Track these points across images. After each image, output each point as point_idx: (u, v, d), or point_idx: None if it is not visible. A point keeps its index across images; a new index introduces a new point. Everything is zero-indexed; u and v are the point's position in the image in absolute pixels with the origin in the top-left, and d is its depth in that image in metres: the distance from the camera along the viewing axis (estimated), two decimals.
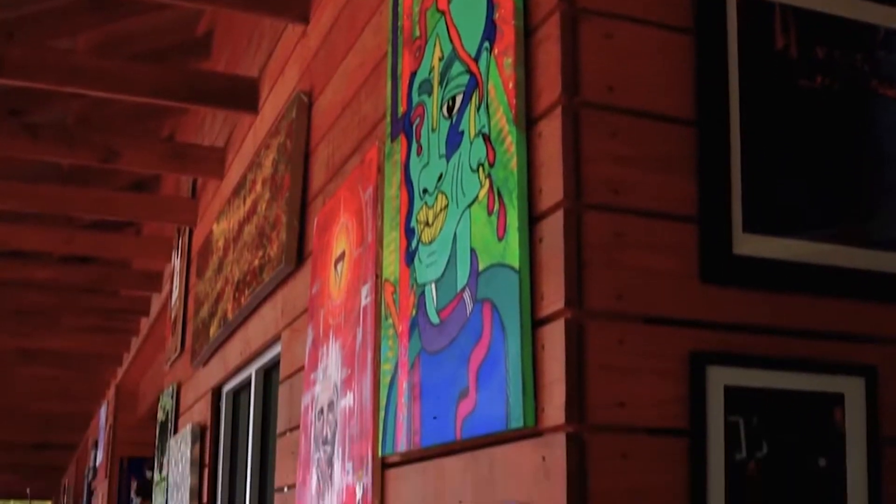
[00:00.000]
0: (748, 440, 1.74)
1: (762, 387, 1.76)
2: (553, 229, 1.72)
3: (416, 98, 2.29)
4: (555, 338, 1.68)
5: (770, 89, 1.89)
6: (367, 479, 2.35)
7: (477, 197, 1.93)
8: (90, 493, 13.39)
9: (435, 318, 2.05)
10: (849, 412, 1.82)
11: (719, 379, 1.73)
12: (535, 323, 1.73)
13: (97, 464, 12.51)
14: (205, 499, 4.70)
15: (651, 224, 1.76)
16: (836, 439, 1.81)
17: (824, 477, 1.79)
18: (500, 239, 1.83)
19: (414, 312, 2.15)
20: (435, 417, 1.99)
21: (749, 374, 1.76)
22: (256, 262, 3.69)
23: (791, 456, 1.76)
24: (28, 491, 26.74)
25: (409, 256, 2.22)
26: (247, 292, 3.78)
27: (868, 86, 1.97)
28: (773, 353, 1.78)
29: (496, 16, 1.93)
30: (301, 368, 3.07)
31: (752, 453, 1.74)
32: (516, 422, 1.71)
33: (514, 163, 1.81)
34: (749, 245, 1.81)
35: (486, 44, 1.96)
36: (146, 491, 10.12)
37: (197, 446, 4.80)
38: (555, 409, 1.65)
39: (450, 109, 2.09)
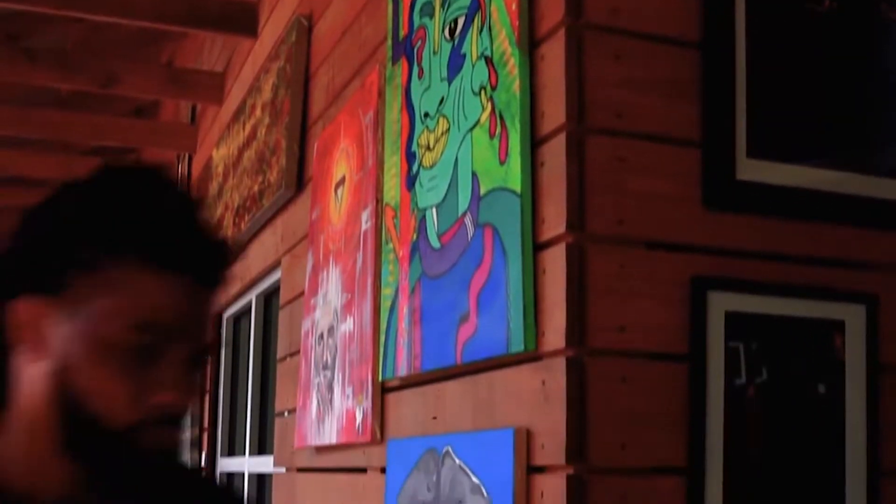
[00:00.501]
0: (748, 366, 1.74)
1: (763, 313, 1.76)
2: (555, 153, 1.71)
3: (417, 21, 2.26)
4: (556, 262, 1.67)
5: (777, 12, 1.85)
6: (367, 404, 2.36)
7: (479, 120, 1.91)
8: None
9: (436, 243, 2.04)
10: (849, 339, 1.82)
11: (720, 304, 1.73)
12: (537, 247, 1.72)
13: None
14: (205, 424, 4.74)
15: (654, 148, 1.74)
16: (835, 366, 1.81)
17: (823, 403, 1.79)
18: (501, 163, 1.81)
19: (415, 237, 2.15)
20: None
21: (750, 299, 1.75)
22: (256, 188, 3.68)
23: (790, 382, 1.77)
24: None
25: (410, 181, 2.20)
26: (246, 218, 3.77)
27: (877, 10, 1.94)
28: (774, 279, 1.77)
29: None
30: (301, 294, 3.08)
31: (751, 379, 1.74)
32: (516, 346, 1.71)
33: (516, 86, 1.78)
34: (752, 171, 1.80)
35: None
36: None
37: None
38: (555, 333, 1.65)
39: (451, 32, 2.06)
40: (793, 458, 1.75)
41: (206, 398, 4.74)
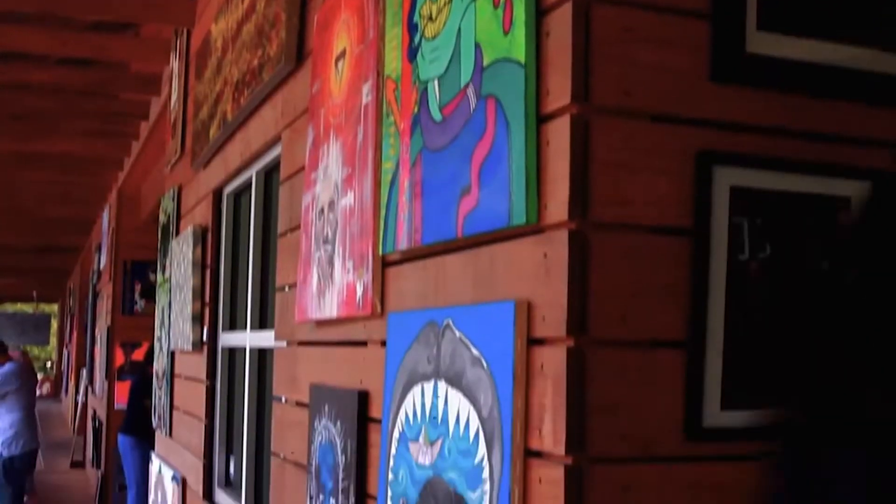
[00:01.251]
0: (751, 241, 1.73)
1: (768, 188, 1.74)
2: (560, 23, 1.66)
3: None
4: (560, 134, 1.65)
5: None
6: (368, 277, 2.36)
7: None
8: (95, 296, 13.63)
9: (437, 115, 2.01)
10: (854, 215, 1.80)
11: (725, 179, 1.71)
12: (540, 119, 1.69)
13: (101, 267, 12.68)
14: (207, 299, 4.76)
15: (662, 19, 1.70)
16: (840, 242, 1.80)
17: (826, 279, 1.78)
18: (505, 33, 1.77)
19: (416, 109, 2.11)
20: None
21: (756, 174, 1.73)
22: (255, 62, 3.62)
23: (794, 258, 1.76)
24: (34, 294, 27.24)
25: (412, 52, 2.16)
26: (246, 93, 3.72)
27: None
28: (781, 154, 1.75)
29: None
30: (301, 169, 3.05)
31: (754, 254, 1.73)
32: (518, 218, 1.69)
33: None
34: (762, 43, 1.76)
35: None
36: (150, 293, 10.28)
37: (198, 248, 4.83)
38: (558, 205, 1.63)
39: None
40: (794, 333, 1.75)
41: (208, 274, 4.76)
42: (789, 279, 1.75)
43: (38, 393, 11.51)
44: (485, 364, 1.77)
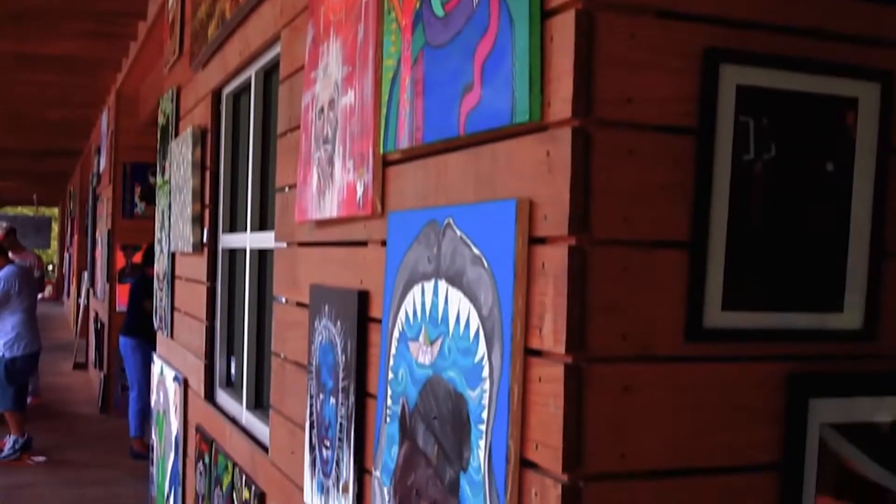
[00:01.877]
0: (757, 141, 1.70)
1: (775, 87, 1.71)
2: None
3: None
4: (564, 29, 1.61)
5: None
6: (368, 177, 2.34)
7: None
8: (95, 199, 13.61)
9: (440, 11, 1.97)
10: (861, 117, 1.78)
11: (732, 77, 1.68)
12: (545, 14, 1.66)
13: (101, 170, 12.64)
14: (207, 200, 4.75)
15: None
16: (846, 144, 1.77)
17: (831, 182, 1.77)
18: None
19: (418, 5, 2.07)
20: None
21: (763, 73, 1.70)
22: None
23: (799, 158, 1.74)
24: (35, 197, 27.21)
25: None
26: None
27: None
28: (789, 52, 1.71)
29: None
30: (301, 68, 3.01)
31: (759, 154, 1.71)
32: (521, 116, 1.67)
33: None
34: None
35: None
36: (149, 196, 10.27)
37: (198, 149, 4.80)
38: (561, 102, 1.60)
39: None
40: (796, 236, 1.74)
41: (208, 175, 4.73)
42: (794, 180, 1.73)
43: (39, 296, 11.55)
44: (485, 263, 1.76)
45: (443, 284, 1.92)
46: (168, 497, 5.79)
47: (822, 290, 1.77)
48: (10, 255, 9.83)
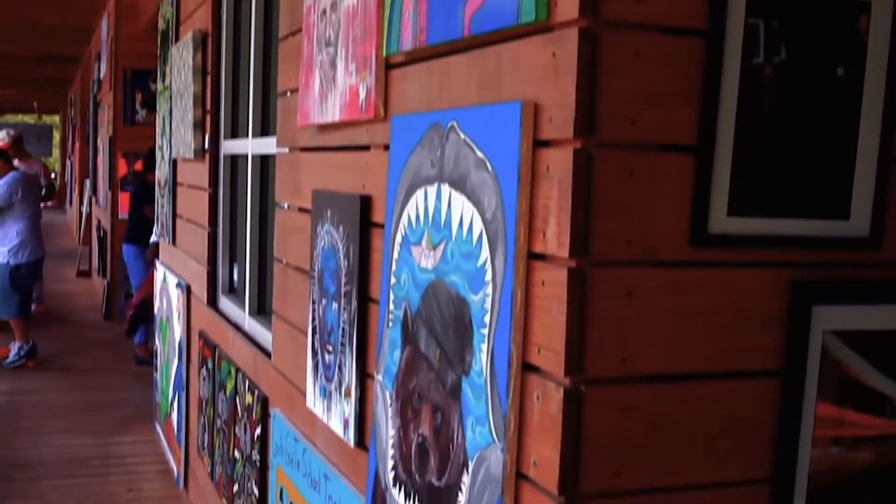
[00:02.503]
0: (767, 44, 1.67)
1: None
2: None
3: None
4: None
5: None
6: (371, 80, 2.31)
7: None
8: (96, 106, 13.51)
9: None
10: (874, 21, 1.74)
11: None
12: None
13: (101, 77, 12.53)
14: (208, 106, 4.71)
15: None
16: (857, 48, 1.74)
17: (841, 86, 1.74)
18: None
19: None
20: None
21: None
22: None
23: (809, 62, 1.70)
24: (35, 105, 27.02)
25: None
26: None
27: None
28: None
29: None
30: None
31: (769, 58, 1.67)
32: (527, 16, 1.63)
33: None
34: None
35: None
36: (150, 103, 10.19)
37: (199, 54, 4.74)
38: (568, 2, 1.57)
39: None
40: (804, 140, 1.71)
41: (209, 80, 4.68)
42: (803, 84, 1.70)
43: (43, 204, 11.52)
44: (489, 166, 1.74)
45: (446, 188, 1.90)
46: (172, 402, 5.85)
47: (828, 196, 1.75)
48: (15, 162, 9.78)
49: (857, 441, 1.82)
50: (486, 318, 1.75)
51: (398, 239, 2.13)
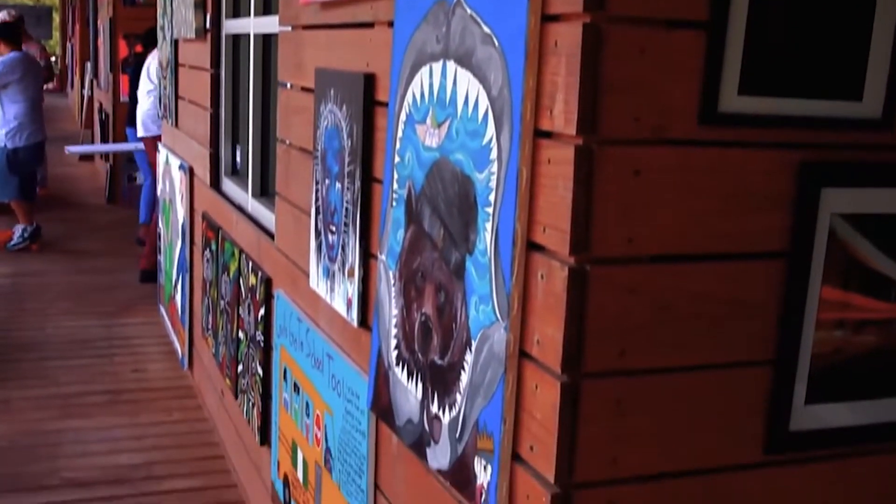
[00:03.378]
0: None
1: None
2: None
3: None
4: None
5: None
6: None
7: None
8: None
9: None
10: None
11: None
12: None
13: None
14: None
15: None
16: None
17: None
18: None
19: None
20: None
21: None
22: None
23: None
24: None
25: None
26: None
27: None
28: None
29: None
30: None
31: None
32: None
33: None
34: None
35: None
36: None
37: None
38: None
39: None
40: (819, 19, 1.66)
41: None
42: None
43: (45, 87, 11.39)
44: (496, 42, 1.70)
45: (451, 65, 1.87)
46: (176, 284, 5.88)
47: (842, 77, 1.71)
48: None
49: (860, 325, 1.82)
50: (491, 197, 1.73)
51: (402, 117, 2.10)
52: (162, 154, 6.34)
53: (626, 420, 1.63)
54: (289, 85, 3.22)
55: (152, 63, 7.75)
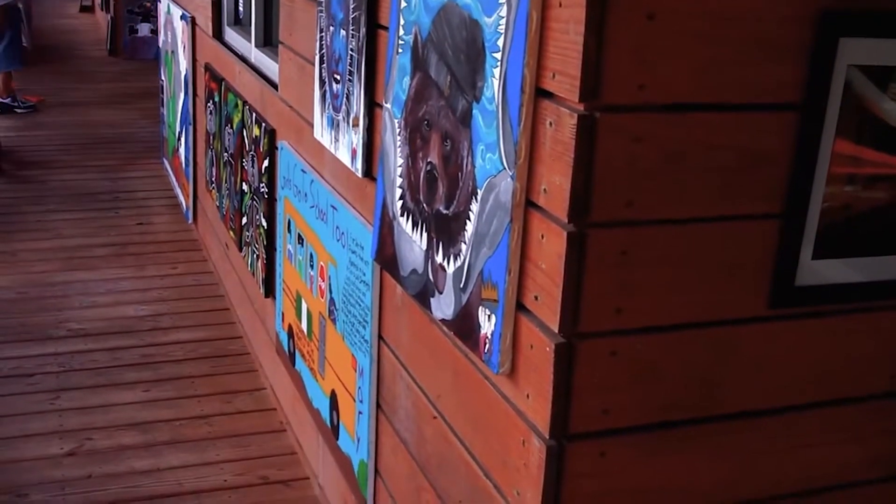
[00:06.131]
0: None
1: None
2: None
3: None
4: None
5: None
6: None
7: None
8: None
9: None
10: None
11: None
12: None
13: None
14: None
15: None
16: None
17: None
18: None
19: None
20: None
21: None
22: None
23: None
24: None
25: None
26: None
27: None
28: None
29: None
30: None
31: None
32: None
33: None
34: None
35: None
36: None
37: None
38: None
39: None
40: None
41: None
42: None
43: None
44: None
45: None
46: (179, 136, 5.84)
47: None
48: None
49: (871, 179, 1.79)
50: (500, 42, 1.68)
51: None
52: (163, 4, 6.22)
53: (631, 271, 1.62)
54: None
55: None
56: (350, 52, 2.47)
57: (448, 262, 1.91)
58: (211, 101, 4.69)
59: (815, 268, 1.76)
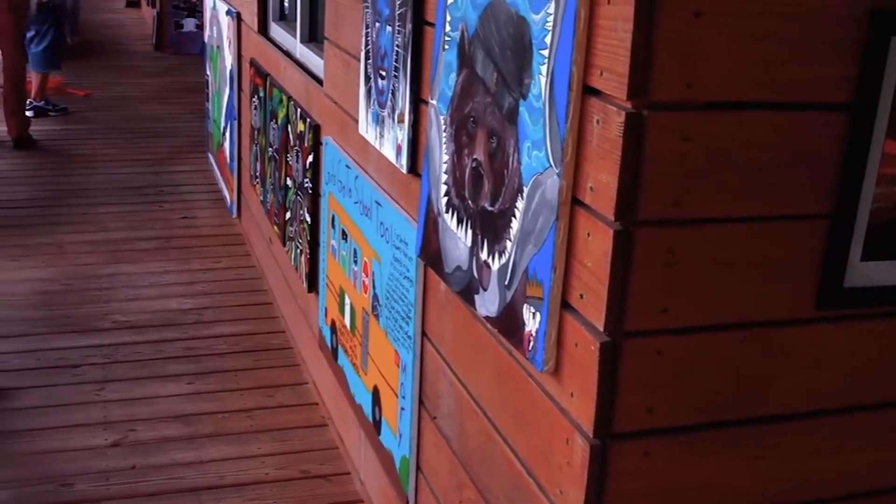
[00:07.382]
0: None
1: None
2: None
3: None
4: None
5: None
6: None
7: None
8: None
9: None
10: None
11: None
12: None
13: None
14: None
15: None
16: None
17: None
18: None
19: None
20: None
21: None
22: None
23: None
24: None
25: None
26: None
27: None
28: None
29: None
30: None
31: None
32: None
33: None
34: None
35: None
36: None
37: None
38: None
39: None
40: None
41: None
42: None
43: None
44: None
45: None
46: (224, 131, 5.88)
47: None
48: None
49: None
50: (547, 39, 1.68)
51: None
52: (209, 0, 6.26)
53: (677, 270, 1.61)
54: None
55: None
56: (396, 48, 2.47)
57: (493, 260, 1.91)
58: (256, 97, 4.72)
59: (864, 269, 1.74)
